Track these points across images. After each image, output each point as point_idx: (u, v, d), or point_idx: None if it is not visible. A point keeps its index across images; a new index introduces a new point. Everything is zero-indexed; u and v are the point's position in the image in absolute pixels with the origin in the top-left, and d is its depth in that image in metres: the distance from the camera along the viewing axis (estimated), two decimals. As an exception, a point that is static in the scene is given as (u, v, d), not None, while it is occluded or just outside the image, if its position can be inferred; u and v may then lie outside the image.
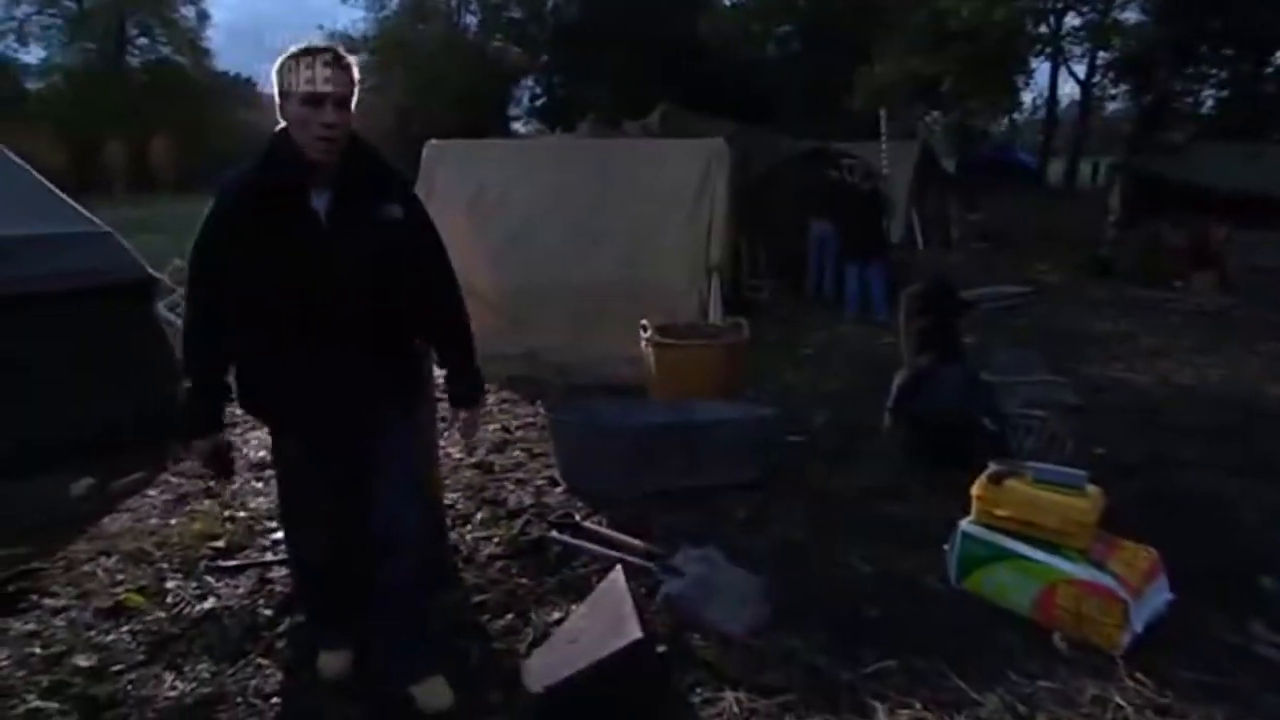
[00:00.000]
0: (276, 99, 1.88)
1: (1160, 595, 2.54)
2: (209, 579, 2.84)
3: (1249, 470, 3.85)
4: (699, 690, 2.21)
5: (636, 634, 1.98)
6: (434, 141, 6.42)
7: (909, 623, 2.57)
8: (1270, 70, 19.58)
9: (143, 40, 33.53)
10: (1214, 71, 20.44)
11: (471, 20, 31.86)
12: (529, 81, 32.57)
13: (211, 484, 3.70)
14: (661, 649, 2.33)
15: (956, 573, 2.77)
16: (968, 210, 13.47)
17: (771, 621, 2.52)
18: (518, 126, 31.08)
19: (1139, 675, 2.28)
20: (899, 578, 2.86)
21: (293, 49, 1.86)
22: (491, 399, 5.00)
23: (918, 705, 2.16)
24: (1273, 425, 4.62)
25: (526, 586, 2.77)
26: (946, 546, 2.84)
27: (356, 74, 1.89)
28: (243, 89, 33.96)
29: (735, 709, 2.14)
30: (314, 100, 1.80)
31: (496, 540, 3.10)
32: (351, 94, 1.87)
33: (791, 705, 2.16)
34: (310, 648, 2.36)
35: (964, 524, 2.77)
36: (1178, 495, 3.59)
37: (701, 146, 5.93)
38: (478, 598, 2.71)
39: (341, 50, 1.88)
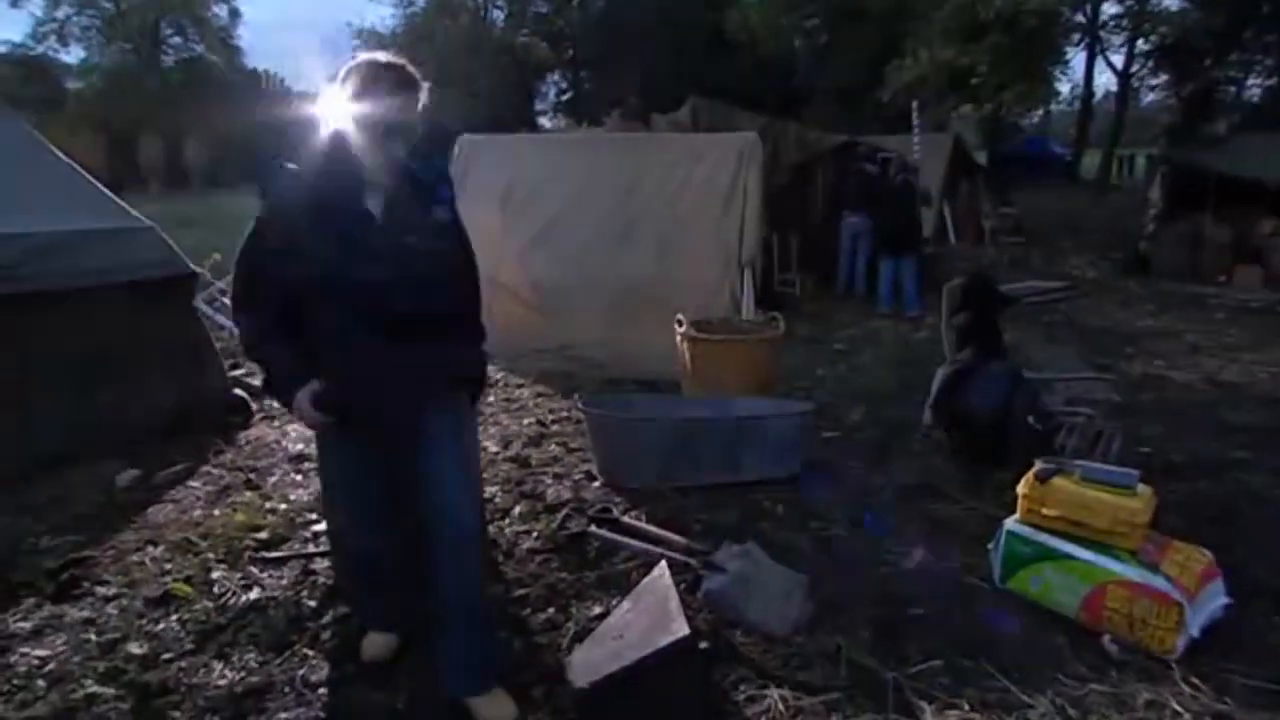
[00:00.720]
0: (339, 103, 1.86)
1: (1216, 599, 2.47)
2: (253, 570, 2.87)
3: (1302, 472, 3.74)
4: (742, 688, 2.20)
5: (684, 630, 1.97)
6: (467, 136, 6.45)
7: (954, 622, 2.53)
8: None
9: (176, 39, 34.07)
10: (1260, 59, 19.84)
11: (498, 15, 31.97)
12: (555, 76, 32.61)
13: (252, 475, 3.76)
14: (704, 645, 2.31)
15: (1001, 572, 2.72)
16: (1000, 204, 13.26)
17: (814, 619, 2.50)
18: (544, 121, 31.17)
19: (1194, 680, 2.23)
20: (942, 576, 2.82)
21: (363, 62, 1.85)
22: (526, 392, 5.02)
23: (965, 706, 2.13)
24: (1325, 425, 4.48)
25: (566, 581, 2.78)
26: (990, 545, 2.80)
27: (424, 95, 1.90)
28: (273, 86, 34.40)
29: (780, 707, 2.12)
30: (389, 132, 1.84)
31: (535, 534, 3.11)
32: (418, 117, 1.89)
33: (837, 704, 2.14)
34: (355, 639, 2.39)
35: (1009, 523, 2.72)
36: (1227, 497, 3.50)
37: (733, 141, 5.90)
38: (518, 592, 2.72)
39: (411, 71, 1.87)
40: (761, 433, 3.52)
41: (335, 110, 1.88)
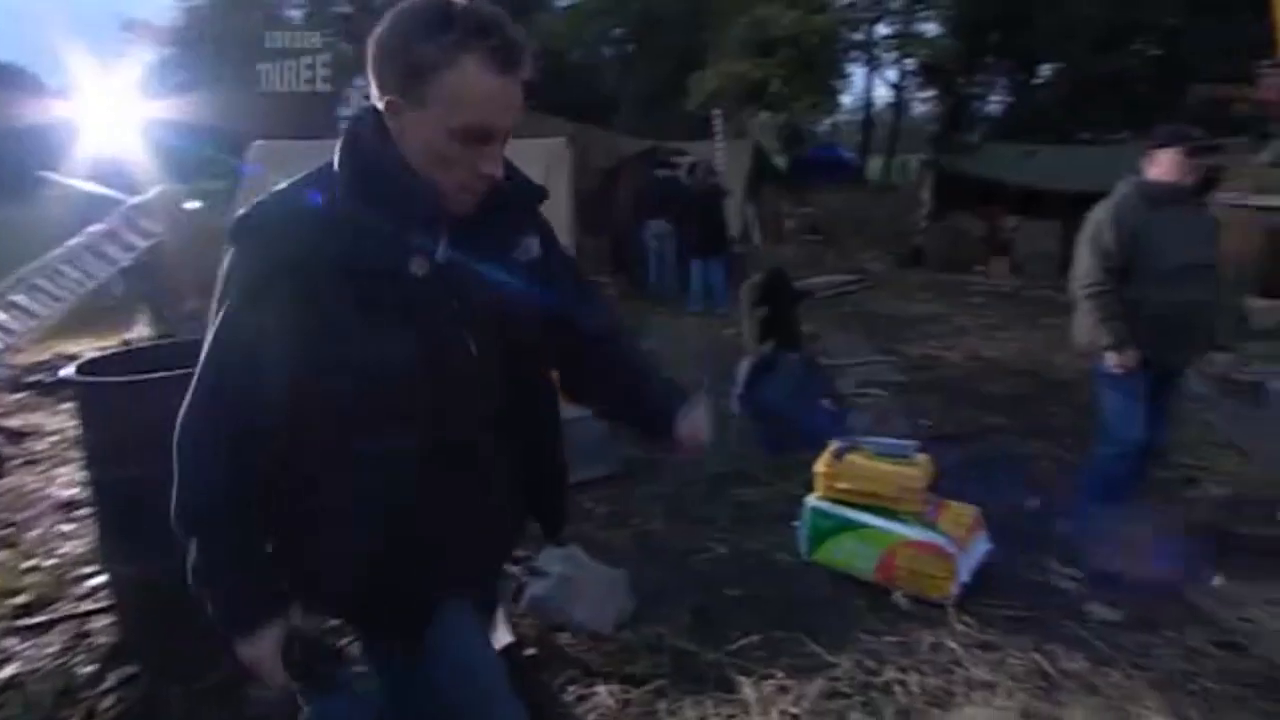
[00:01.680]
0: (382, 94, 1.05)
1: (981, 546, 2.83)
2: (11, 641, 2.50)
3: (1041, 432, 4.37)
4: (571, 688, 2.22)
5: (508, 638, 1.95)
6: (261, 142, 5.99)
7: (766, 598, 2.71)
8: (1039, 82, 22.41)
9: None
10: (997, 79, 23.07)
11: (295, 15, 29.88)
12: (360, 81, 31.00)
13: (10, 530, 3.25)
14: (531, 652, 2.31)
15: (807, 547, 2.94)
16: (798, 205, 14.32)
17: (636, 613, 2.57)
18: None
19: (966, 619, 2.54)
20: (754, 557, 3.01)
21: (428, 6, 1.01)
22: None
23: (779, 675, 2.28)
24: (1057, 391, 5.24)
25: (386, 605, 2.65)
26: (796, 523, 3.01)
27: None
28: (21, 81, 29.93)
29: (610, 701, 2.16)
30: (483, 137, 1.06)
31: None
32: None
33: (663, 690, 2.22)
34: (142, 701, 2.14)
35: (811, 500, 2.95)
36: (989, 458, 4.01)
37: (541, 147, 5.93)
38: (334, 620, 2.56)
39: (518, 33, 1.04)
40: (577, 434, 3.55)
41: (383, 103, 1.06)
